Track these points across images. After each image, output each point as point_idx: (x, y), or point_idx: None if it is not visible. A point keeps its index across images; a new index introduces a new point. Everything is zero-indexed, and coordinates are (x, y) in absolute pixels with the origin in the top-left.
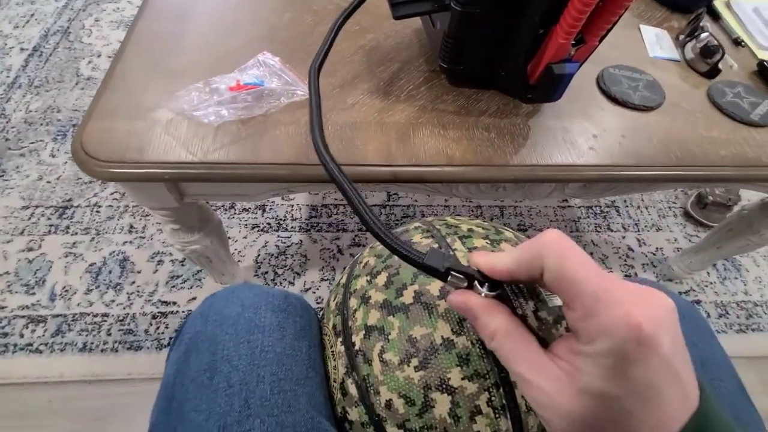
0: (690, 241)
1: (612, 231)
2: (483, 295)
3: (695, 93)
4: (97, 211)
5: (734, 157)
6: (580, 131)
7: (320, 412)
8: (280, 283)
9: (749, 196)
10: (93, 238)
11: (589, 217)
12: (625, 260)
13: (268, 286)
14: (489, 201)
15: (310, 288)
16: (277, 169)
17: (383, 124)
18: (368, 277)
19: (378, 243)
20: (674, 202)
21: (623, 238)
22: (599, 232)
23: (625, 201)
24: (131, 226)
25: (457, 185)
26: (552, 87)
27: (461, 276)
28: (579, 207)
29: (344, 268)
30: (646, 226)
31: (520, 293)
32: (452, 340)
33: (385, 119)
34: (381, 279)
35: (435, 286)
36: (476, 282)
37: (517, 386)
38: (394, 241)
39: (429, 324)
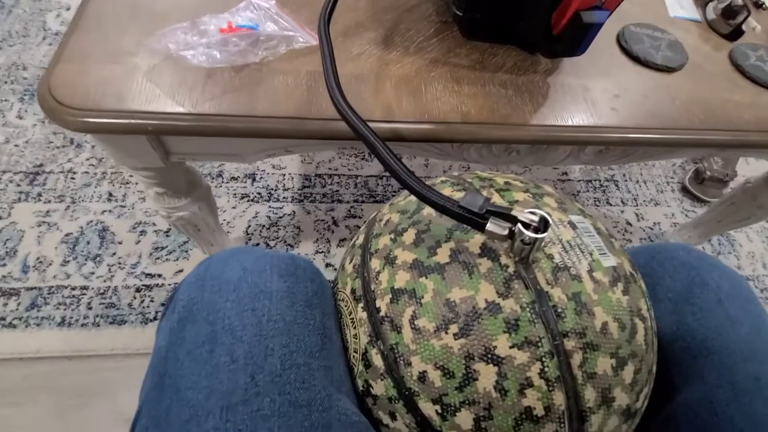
0: (686, 216)
1: (611, 205)
2: (527, 238)
3: (717, 55)
4: (72, 178)
5: (758, 122)
6: (601, 90)
7: (339, 389)
8: None
9: (744, 172)
10: (68, 206)
11: (588, 191)
12: (624, 234)
13: (272, 249)
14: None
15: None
16: (277, 123)
17: (392, 77)
18: (392, 235)
19: (399, 199)
20: (672, 177)
21: (622, 212)
22: (598, 206)
23: (624, 175)
24: (110, 194)
25: (469, 147)
26: (578, 38)
27: (502, 221)
28: (578, 181)
29: (341, 240)
30: (644, 201)
31: (572, 249)
32: (498, 303)
33: (393, 72)
34: (408, 236)
35: (475, 242)
36: (519, 225)
37: (573, 356)
38: (423, 187)
39: (470, 285)
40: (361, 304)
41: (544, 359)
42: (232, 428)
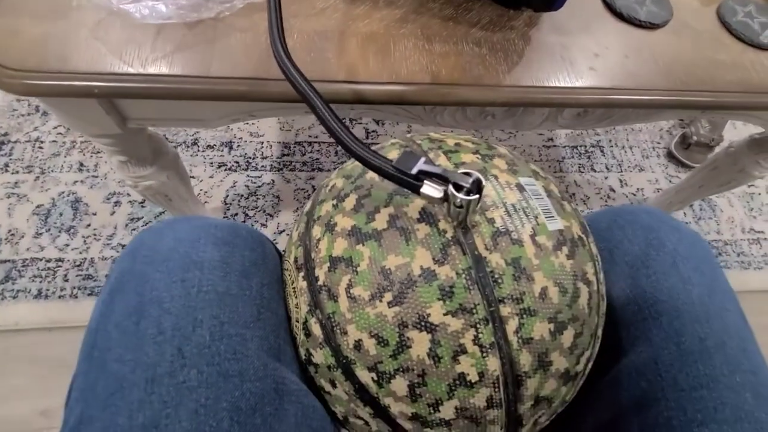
0: (670, 182)
1: (595, 171)
2: (458, 201)
3: (704, 10)
4: (40, 147)
5: (740, 83)
6: (581, 49)
7: (276, 358)
8: (252, 225)
9: (731, 137)
10: (38, 177)
11: (573, 157)
12: (606, 201)
13: (213, 217)
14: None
15: (284, 230)
16: (234, 84)
17: (358, 35)
18: (334, 201)
19: (347, 164)
20: (658, 143)
21: (606, 178)
22: (582, 172)
23: (610, 141)
24: (81, 164)
25: (442, 111)
26: None
27: (437, 182)
28: (564, 147)
29: None
30: (629, 167)
31: (515, 212)
32: (433, 270)
33: (360, 28)
34: (349, 202)
35: (414, 207)
36: (450, 187)
37: (508, 322)
38: (358, 145)
39: (406, 252)
40: (302, 273)
41: (478, 326)
42: (156, 400)
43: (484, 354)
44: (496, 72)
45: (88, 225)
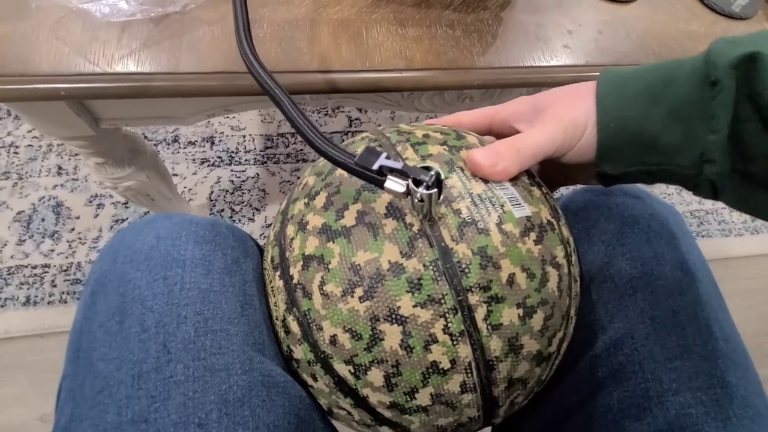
0: None
1: None
2: (419, 195)
3: None
4: (15, 153)
5: None
6: (555, 27)
7: (261, 352)
8: (239, 221)
9: None
10: (15, 183)
11: None
12: None
13: (193, 215)
14: None
15: (272, 224)
16: (204, 79)
17: (330, 22)
18: (306, 200)
19: (319, 160)
20: None
21: None
22: None
23: None
24: (60, 168)
25: (419, 96)
26: None
27: (399, 176)
28: None
29: None
30: None
31: (482, 202)
32: (401, 264)
33: (331, 16)
34: (319, 200)
35: (381, 202)
36: (410, 181)
37: (477, 310)
38: (323, 141)
39: (374, 248)
40: (278, 273)
41: (447, 315)
42: (144, 395)
43: (455, 342)
44: (470, 54)
45: (72, 229)
